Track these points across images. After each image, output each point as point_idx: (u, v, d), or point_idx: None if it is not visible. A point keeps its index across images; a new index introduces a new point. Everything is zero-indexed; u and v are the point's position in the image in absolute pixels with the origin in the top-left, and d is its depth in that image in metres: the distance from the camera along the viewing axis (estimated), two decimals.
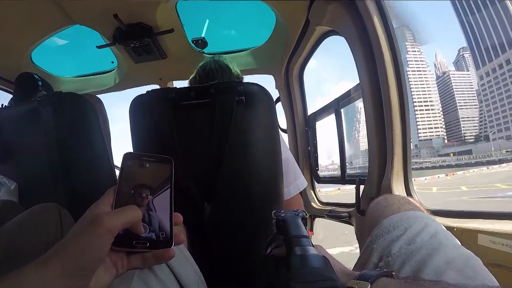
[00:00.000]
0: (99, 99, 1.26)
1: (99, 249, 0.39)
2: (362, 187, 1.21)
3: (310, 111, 1.97)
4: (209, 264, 0.66)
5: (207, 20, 1.76)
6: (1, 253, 0.73)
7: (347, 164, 1.63)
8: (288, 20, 1.52)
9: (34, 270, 0.35)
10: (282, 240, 0.46)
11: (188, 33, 1.68)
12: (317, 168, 1.92)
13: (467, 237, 0.78)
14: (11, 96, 1.41)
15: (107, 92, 2.11)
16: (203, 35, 1.73)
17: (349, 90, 1.44)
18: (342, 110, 1.59)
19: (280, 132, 1.12)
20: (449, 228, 0.61)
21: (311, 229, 1.97)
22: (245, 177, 0.88)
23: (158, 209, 0.48)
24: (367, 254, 0.61)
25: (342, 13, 1.14)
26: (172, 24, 1.51)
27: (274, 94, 1.97)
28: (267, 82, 1.79)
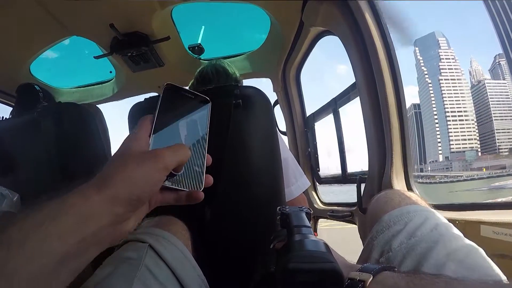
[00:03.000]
0: (98, 108, 1.27)
1: (155, 184, 0.39)
2: (363, 185, 1.21)
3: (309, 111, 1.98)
4: (211, 267, 0.66)
5: (203, 27, 1.78)
6: None
7: None
8: (282, 23, 1.53)
9: (81, 195, 0.34)
10: (285, 234, 0.46)
11: (184, 40, 1.69)
12: (318, 169, 1.92)
13: (470, 229, 0.78)
14: (10, 109, 1.42)
15: (106, 102, 2.12)
16: (199, 41, 1.74)
17: (346, 89, 1.45)
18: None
19: (280, 134, 1.12)
20: (451, 221, 0.60)
21: (315, 231, 1.96)
22: (244, 180, 0.88)
23: (193, 148, 0.47)
24: (368, 251, 0.61)
25: (335, 13, 1.15)
26: (168, 31, 1.52)
27: (272, 97, 1.97)
28: (265, 85, 1.80)
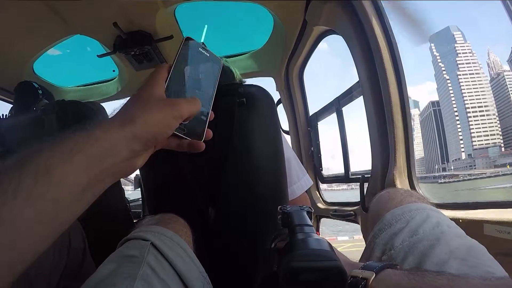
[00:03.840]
0: (102, 106, 1.27)
1: (170, 128, 0.44)
2: (366, 184, 1.21)
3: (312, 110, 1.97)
4: (214, 265, 0.66)
5: (206, 26, 1.78)
6: None
7: None
8: (285, 22, 1.53)
9: (106, 130, 0.38)
10: (287, 233, 0.46)
11: None
12: (320, 168, 1.92)
13: (473, 228, 0.78)
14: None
15: (109, 101, 2.12)
16: (202, 40, 1.74)
17: (350, 88, 1.44)
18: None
19: (283, 133, 1.12)
20: (454, 220, 0.60)
21: (317, 230, 1.95)
22: (248, 179, 0.87)
23: (201, 100, 0.49)
24: (370, 249, 0.61)
25: (338, 13, 1.15)
26: (171, 30, 1.53)
27: (276, 96, 1.97)
28: (268, 84, 1.80)
